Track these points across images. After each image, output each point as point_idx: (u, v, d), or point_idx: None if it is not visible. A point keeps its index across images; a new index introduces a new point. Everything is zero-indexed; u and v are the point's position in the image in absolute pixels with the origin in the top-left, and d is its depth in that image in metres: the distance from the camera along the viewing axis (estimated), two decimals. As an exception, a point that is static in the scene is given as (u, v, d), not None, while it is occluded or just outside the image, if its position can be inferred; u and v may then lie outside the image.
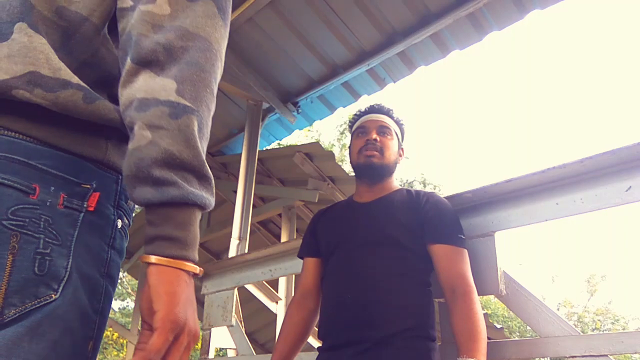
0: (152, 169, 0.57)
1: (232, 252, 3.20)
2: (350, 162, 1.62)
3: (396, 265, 1.39)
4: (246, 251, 3.18)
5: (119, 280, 12.85)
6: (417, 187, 14.10)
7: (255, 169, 3.44)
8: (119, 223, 0.67)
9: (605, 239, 29.78)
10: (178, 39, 0.60)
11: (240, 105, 3.97)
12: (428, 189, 14.09)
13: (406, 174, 15.25)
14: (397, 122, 1.62)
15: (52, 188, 0.59)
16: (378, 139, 1.53)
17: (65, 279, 0.58)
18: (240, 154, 3.51)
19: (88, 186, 0.63)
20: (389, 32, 3.12)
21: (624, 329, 15.08)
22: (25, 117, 0.61)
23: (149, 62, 0.59)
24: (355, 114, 1.68)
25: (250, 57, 3.49)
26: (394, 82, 3.45)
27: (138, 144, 0.57)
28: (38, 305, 0.56)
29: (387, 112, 1.61)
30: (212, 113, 0.64)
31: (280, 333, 1.58)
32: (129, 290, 13.99)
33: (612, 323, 16.08)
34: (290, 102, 3.76)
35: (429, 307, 1.40)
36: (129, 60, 0.61)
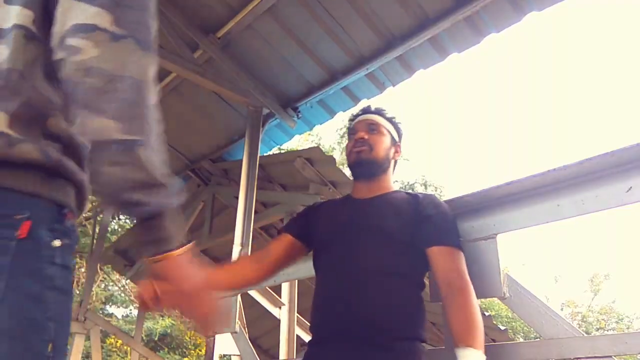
0: (123, 196, 0.71)
1: (234, 259, 3.20)
2: (347, 165, 1.64)
3: (390, 263, 1.39)
4: (249, 257, 3.18)
5: (123, 288, 12.81)
6: (419, 188, 14.08)
7: (257, 175, 3.45)
8: (58, 242, 0.75)
9: (608, 237, 29.74)
10: (108, 82, 0.70)
11: (240, 112, 3.98)
12: (430, 191, 14.09)
13: (407, 176, 15.25)
14: (390, 121, 1.61)
15: None
16: (367, 136, 1.54)
17: None
18: (241, 160, 3.52)
19: (19, 216, 0.71)
20: (388, 37, 3.13)
21: (628, 328, 15.02)
22: None
23: (88, 106, 0.70)
24: (350, 119, 1.70)
25: (249, 64, 3.51)
26: (393, 85, 3.46)
27: (106, 178, 0.70)
28: None
29: (378, 112, 1.62)
30: (156, 130, 0.74)
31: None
32: (132, 298, 13.97)
33: (617, 322, 16.02)
34: (290, 107, 3.77)
35: (420, 308, 1.40)
36: (72, 105, 0.71)
